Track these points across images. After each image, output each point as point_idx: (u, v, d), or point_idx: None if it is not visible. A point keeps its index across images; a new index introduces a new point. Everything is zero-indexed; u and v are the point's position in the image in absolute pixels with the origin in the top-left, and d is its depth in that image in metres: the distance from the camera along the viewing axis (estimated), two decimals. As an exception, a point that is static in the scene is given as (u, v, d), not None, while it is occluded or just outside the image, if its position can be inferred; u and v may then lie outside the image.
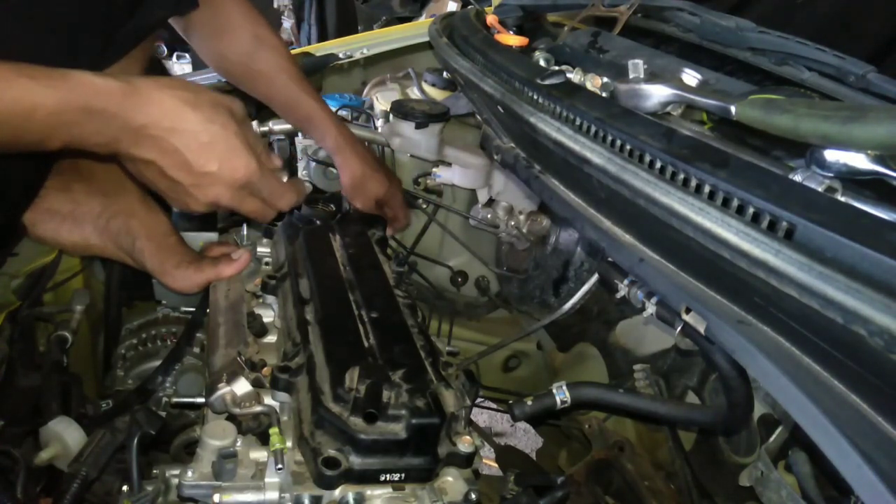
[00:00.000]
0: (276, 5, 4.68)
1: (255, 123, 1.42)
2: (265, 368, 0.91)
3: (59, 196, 1.08)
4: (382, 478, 0.78)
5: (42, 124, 0.73)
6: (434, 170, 1.49)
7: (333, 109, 1.57)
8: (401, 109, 1.44)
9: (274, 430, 0.79)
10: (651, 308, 0.90)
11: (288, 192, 0.92)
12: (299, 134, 1.45)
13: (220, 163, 0.82)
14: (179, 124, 0.79)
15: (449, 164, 1.49)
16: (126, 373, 1.22)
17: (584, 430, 1.18)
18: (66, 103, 0.73)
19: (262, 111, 1.62)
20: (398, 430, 0.78)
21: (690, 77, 1.05)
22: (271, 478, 0.75)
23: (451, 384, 0.89)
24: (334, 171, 1.42)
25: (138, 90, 0.78)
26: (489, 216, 1.52)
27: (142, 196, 1.11)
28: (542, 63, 1.18)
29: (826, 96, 1.15)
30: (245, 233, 1.26)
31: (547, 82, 1.04)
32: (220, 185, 0.83)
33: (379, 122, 1.52)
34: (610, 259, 0.99)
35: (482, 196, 1.53)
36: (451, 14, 1.67)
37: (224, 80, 1.57)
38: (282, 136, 1.45)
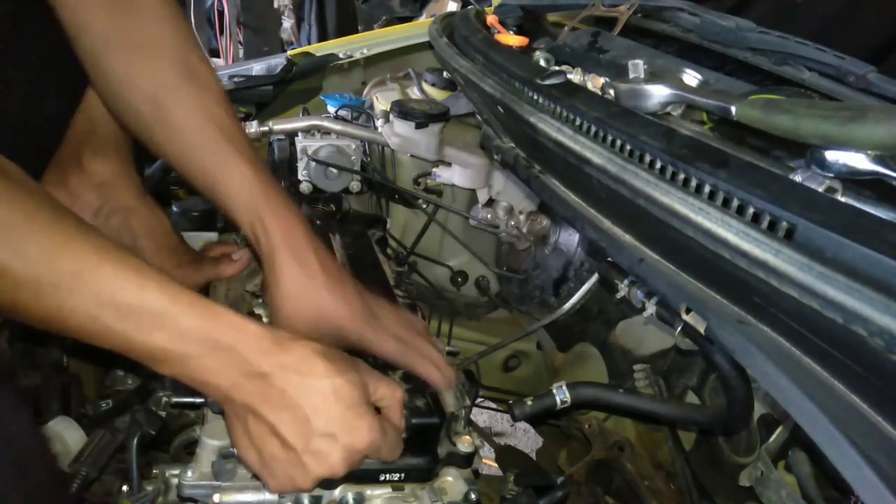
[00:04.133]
0: (276, 5, 4.67)
1: (255, 123, 1.42)
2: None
3: (56, 190, 1.07)
4: (382, 477, 0.78)
5: (160, 345, 0.66)
6: (434, 170, 1.49)
7: (333, 110, 1.58)
8: (401, 109, 1.44)
9: (274, 430, 0.79)
10: (651, 308, 0.90)
11: (401, 443, 0.79)
12: (299, 134, 1.45)
13: (342, 427, 0.70)
14: (308, 375, 0.69)
15: (449, 164, 1.49)
16: (126, 373, 1.22)
17: (584, 430, 1.18)
18: (194, 330, 0.66)
19: (261, 110, 1.62)
20: (398, 430, 0.78)
21: (690, 77, 1.05)
22: (271, 478, 0.75)
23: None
24: (334, 170, 1.42)
25: (275, 337, 0.70)
26: (489, 216, 1.52)
27: (141, 191, 1.10)
28: (542, 63, 1.18)
29: (826, 96, 1.14)
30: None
31: (547, 82, 1.04)
32: (337, 453, 0.70)
33: (379, 122, 1.52)
34: (610, 259, 0.99)
35: (482, 196, 1.53)
36: (451, 14, 1.67)
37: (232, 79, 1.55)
38: (282, 136, 1.44)
